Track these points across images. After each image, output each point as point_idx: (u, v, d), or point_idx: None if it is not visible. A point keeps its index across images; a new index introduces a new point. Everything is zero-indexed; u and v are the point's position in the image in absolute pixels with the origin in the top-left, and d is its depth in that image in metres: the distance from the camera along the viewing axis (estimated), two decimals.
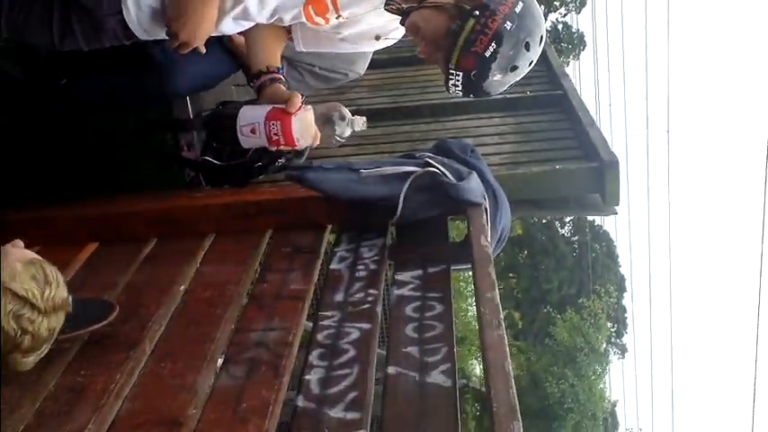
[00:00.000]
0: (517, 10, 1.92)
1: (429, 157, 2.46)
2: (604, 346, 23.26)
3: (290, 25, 2.27)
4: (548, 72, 4.79)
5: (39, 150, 2.77)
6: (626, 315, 27.07)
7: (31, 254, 1.61)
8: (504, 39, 1.91)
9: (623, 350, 26.65)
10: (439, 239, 2.42)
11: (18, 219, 2.44)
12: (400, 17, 2.10)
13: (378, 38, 2.31)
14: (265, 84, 2.31)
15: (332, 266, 2.28)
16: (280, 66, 2.36)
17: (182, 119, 2.83)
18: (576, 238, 26.85)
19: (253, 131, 2.19)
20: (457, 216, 2.58)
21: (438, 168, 2.38)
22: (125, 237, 2.43)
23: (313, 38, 2.33)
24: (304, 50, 2.39)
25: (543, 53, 5.01)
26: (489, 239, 2.25)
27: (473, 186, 2.36)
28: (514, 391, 1.47)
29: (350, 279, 2.20)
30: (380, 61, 4.84)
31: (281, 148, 2.22)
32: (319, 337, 1.92)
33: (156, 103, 2.79)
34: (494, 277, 1.95)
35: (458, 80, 1.98)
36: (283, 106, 2.17)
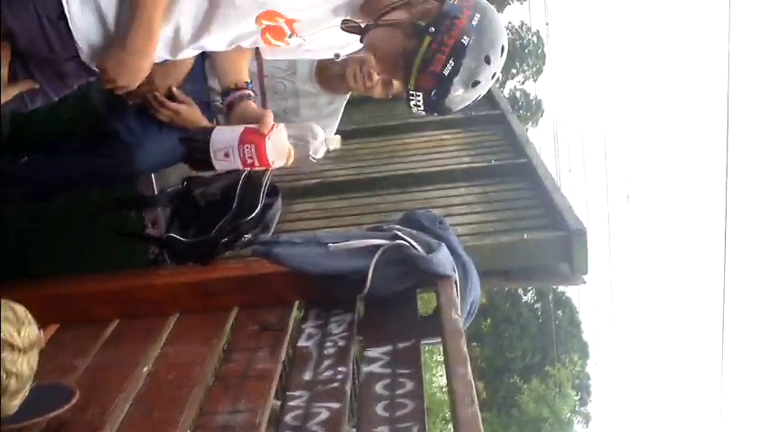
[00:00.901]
0: (474, 23, 1.83)
1: (397, 230, 2.45)
2: (568, 415, 23.07)
3: None
4: (511, 140, 4.85)
5: None
6: (589, 382, 27.01)
7: None
8: (462, 55, 1.81)
9: (587, 419, 26.49)
10: (408, 313, 2.38)
11: None
12: (359, 35, 2.03)
13: (337, 56, 2.21)
14: (235, 101, 2.25)
15: (300, 344, 2.24)
16: (248, 81, 2.29)
17: (146, 195, 2.79)
18: (539, 305, 26.88)
19: (226, 156, 2.11)
20: (426, 289, 2.55)
21: (407, 240, 2.36)
22: (86, 317, 2.37)
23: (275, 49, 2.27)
24: (269, 58, 2.32)
25: (506, 122, 5.13)
26: (460, 313, 2.22)
27: (442, 258, 2.34)
28: None
29: (318, 356, 2.15)
30: (345, 133, 4.87)
31: (256, 168, 2.15)
32: (287, 418, 1.86)
33: (120, 181, 2.75)
34: (465, 352, 1.91)
35: (418, 100, 1.88)
36: (255, 126, 2.09)
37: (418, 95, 1.88)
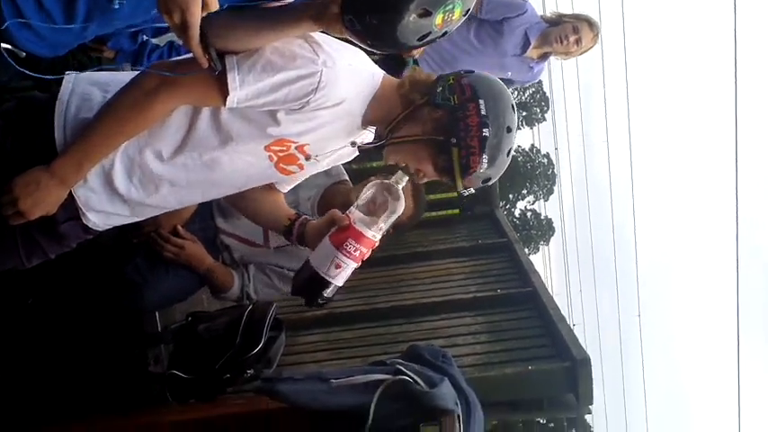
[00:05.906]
0: (483, 111, 1.90)
1: (400, 364, 2.45)
2: None
3: None
4: (517, 268, 4.88)
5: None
6: None
7: None
8: (489, 144, 1.90)
9: None
10: None
11: None
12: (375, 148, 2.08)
13: (354, 144, 2.15)
14: (301, 231, 2.21)
15: None
16: (293, 211, 2.27)
17: (150, 332, 2.80)
18: (553, 425, 26.34)
19: (338, 267, 2.06)
20: (429, 423, 2.53)
21: (409, 376, 2.36)
22: None
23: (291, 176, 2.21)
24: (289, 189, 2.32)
25: (512, 250, 5.16)
26: None
27: (445, 393, 2.33)
28: None
29: None
30: None
31: (366, 256, 2.09)
32: None
33: (125, 320, 2.77)
34: None
35: (470, 191, 2.02)
36: (334, 229, 2.03)
37: (469, 190, 2.01)
